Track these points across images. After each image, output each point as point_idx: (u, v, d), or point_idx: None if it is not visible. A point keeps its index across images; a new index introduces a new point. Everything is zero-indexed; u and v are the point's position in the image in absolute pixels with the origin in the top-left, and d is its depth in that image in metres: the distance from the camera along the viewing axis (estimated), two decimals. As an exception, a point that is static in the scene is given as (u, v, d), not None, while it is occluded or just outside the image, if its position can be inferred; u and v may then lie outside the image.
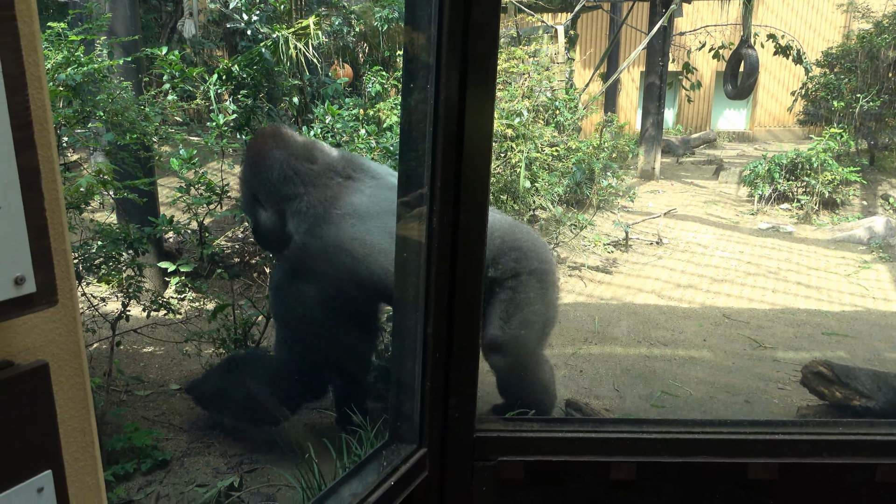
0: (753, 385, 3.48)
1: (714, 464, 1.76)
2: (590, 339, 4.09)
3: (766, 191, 7.89)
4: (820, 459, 1.75)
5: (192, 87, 4.61)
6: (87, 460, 0.72)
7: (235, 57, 4.67)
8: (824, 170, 7.61)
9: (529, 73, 6.95)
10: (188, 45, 6.91)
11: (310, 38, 4.57)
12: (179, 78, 3.96)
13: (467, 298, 1.61)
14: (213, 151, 4.07)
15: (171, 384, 3.21)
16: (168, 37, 7.08)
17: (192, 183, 3.65)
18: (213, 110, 4.19)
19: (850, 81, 8.99)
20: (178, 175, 3.68)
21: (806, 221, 7.47)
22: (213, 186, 3.86)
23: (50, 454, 0.66)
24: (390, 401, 1.86)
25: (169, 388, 3.17)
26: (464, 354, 1.64)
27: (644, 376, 3.57)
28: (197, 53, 6.90)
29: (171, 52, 3.97)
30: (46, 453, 0.66)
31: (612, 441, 1.77)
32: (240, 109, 4.33)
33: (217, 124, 3.84)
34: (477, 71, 1.47)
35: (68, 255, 0.68)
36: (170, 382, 3.23)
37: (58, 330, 0.67)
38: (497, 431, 1.75)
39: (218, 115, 3.85)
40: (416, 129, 1.66)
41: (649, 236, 6.59)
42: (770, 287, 5.36)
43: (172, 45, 6.70)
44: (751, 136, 14.32)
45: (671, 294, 5.09)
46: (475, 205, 1.56)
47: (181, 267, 3.68)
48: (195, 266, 3.98)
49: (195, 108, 6.82)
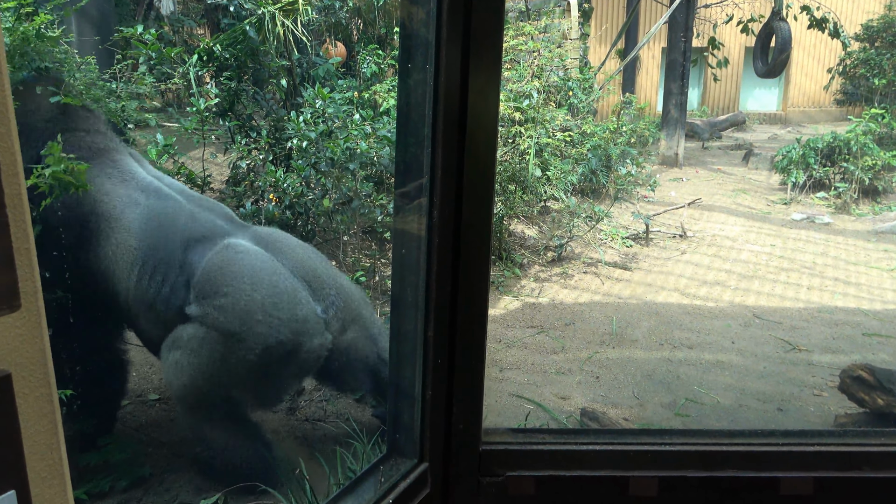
0: (787, 391, 3.47)
1: (743, 478, 1.76)
2: (607, 341, 4.09)
3: (801, 178, 7.86)
4: (859, 473, 1.74)
5: (171, 68, 4.61)
6: (55, 479, 0.72)
7: (217, 35, 4.67)
8: (864, 154, 7.57)
9: (539, 51, 6.94)
10: (166, 22, 6.91)
11: (298, 14, 4.57)
12: (157, 59, 3.97)
13: (471, 298, 1.60)
14: (193, 138, 4.07)
15: (150, 394, 3.22)
16: (144, 14, 7.09)
17: (171, 173, 3.65)
18: (194, 94, 4.19)
19: (892, 57, 8.95)
20: (156, 164, 3.68)
21: (844, 211, 7.44)
22: (193, 177, 3.87)
23: (13, 473, 0.66)
24: (388, 411, 1.86)
25: (148, 397, 3.18)
26: (468, 360, 1.63)
27: (667, 382, 3.57)
28: (176, 32, 6.91)
29: (148, 30, 3.97)
30: (9, 472, 0.66)
31: (631, 454, 1.77)
32: (222, 93, 4.33)
33: (197, 109, 3.85)
34: (481, 47, 1.47)
35: (32, 255, 0.67)
36: (148, 392, 3.24)
37: (21, 337, 0.67)
38: (505, 444, 1.75)
39: (198, 99, 3.85)
40: (414, 112, 1.65)
41: (672, 229, 6.58)
42: (805, 284, 5.35)
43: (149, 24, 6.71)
44: (783, 118, 14.28)
45: (696, 292, 5.09)
46: (479, 196, 1.56)
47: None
48: (175, 264, 3.99)
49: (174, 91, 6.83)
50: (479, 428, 1.69)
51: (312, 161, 4.05)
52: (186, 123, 3.98)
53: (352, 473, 2.39)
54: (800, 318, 4.61)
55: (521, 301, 4.72)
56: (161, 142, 3.68)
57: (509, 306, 4.62)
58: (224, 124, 4.44)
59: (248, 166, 4.40)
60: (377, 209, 3.96)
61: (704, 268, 5.65)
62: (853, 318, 4.64)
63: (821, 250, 6.23)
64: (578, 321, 4.39)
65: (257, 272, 2.30)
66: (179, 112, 4.52)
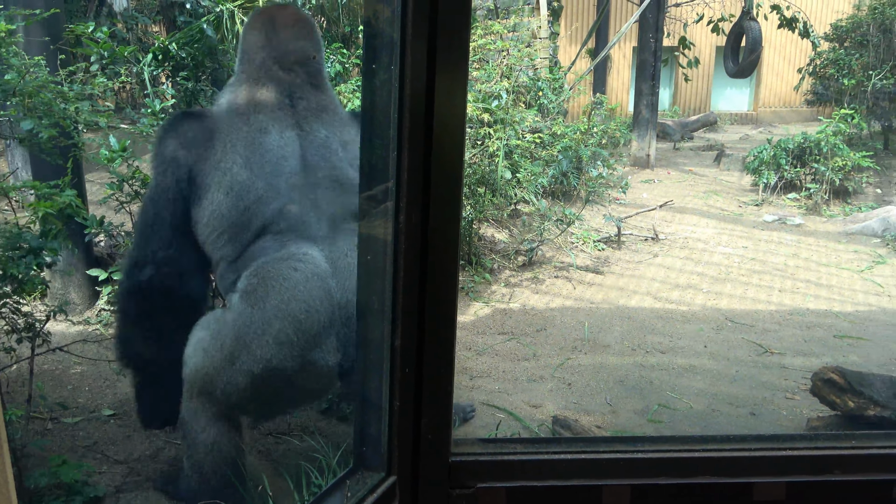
0: (759, 395, 3.54)
1: (716, 484, 1.78)
2: (579, 347, 4.12)
3: (772, 179, 8.03)
4: (831, 477, 1.78)
5: (124, 68, 4.55)
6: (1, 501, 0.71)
7: (173, 34, 4.61)
8: (834, 155, 7.76)
9: (508, 51, 6.99)
10: (119, 19, 6.82)
11: (258, 11, 4.53)
12: (109, 58, 3.91)
13: (440, 305, 1.61)
14: (149, 141, 4.02)
15: (104, 409, 3.16)
16: (96, 10, 6.98)
17: (125, 178, 3.60)
18: (149, 94, 4.13)
19: (861, 57, 9.18)
20: (109, 169, 3.62)
21: (815, 212, 7.61)
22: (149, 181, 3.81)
23: (-45, 496, 0.65)
24: (354, 423, 1.85)
25: (102, 413, 3.13)
26: (437, 369, 1.64)
27: (639, 388, 3.61)
28: (130, 29, 6.82)
29: (99, 28, 3.91)
30: (-49, 495, 0.64)
31: (603, 462, 1.79)
32: (179, 93, 4.28)
33: (153, 110, 3.80)
34: (447, 46, 1.47)
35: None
36: (103, 407, 3.18)
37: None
38: (475, 455, 1.75)
39: (154, 100, 3.80)
40: (379, 113, 1.65)
41: (644, 232, 6.67)
42: (777, 286, 5.46)
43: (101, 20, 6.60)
44: (754, 118, 14.57)
45: (669, 296, 5.16)
46: (447, 199, 1.56)
47: (114, 274, 3.63)
48: (130, 273, 3.93)
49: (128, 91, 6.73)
50: (448, 439, 1.70)
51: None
52: (142, 125, 3.92)
53: (317, 489, 2.38)
54: (772, 320, 4.70)
55: (492, 307, 4.74)
56: (115, 145, 3.62)
57: (479, 312, 4.63)
58: (181, 126, 4.39)
59: (207, 170, 4.35)
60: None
61: (677, 271, 5.73)
62: (825, 320, 4.74)
63: (792, 252, 6.36)
64: (550, 327, 4.42)
65: (297, 292, 2.25)
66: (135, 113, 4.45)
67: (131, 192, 3.71)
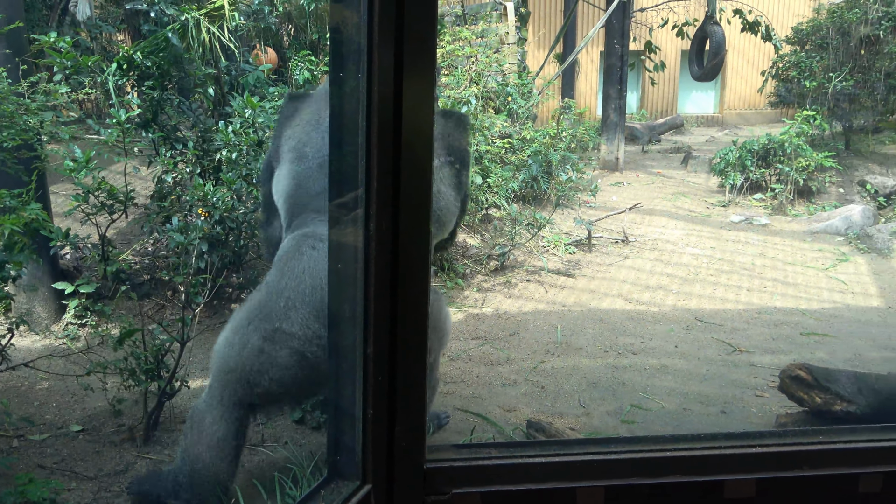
0: (729, 393, 3.59)
1: (688, 483, 1.80)
2: (552, 350, 4.15)
3: (738, 180, 8.15)
4: (799, 472, 1.81)
5: (89, 78, 4.49)
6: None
7: (138, 43, 4.56)
8: (798, 155, 7.91)
9: (477, 56, 7.02)
10: (83, 28, 6.72)
11: (225, 20, 4.51)
12: (72, 68, 3.85)
13: (412, 312, 1.61)
14: (114, 152, 3.97)
15: (72, 425, 3.11)
16: (59, 20, 6.87)
17: (90, 189, 3.55)
18: (114, 104, 4.08)
19: (822, 59, 9.37)
20: (74, 181, 3.57)
21: (780, 212, 7.75)
22: (115, 193, 3.77)
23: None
24: (328, 432, 1.85)
25: (70, 429, 3.07)
26: (410, 377, 1.63)
27: (612, 389, 3.64)
28: (94, 38, 6.72)
29: (61, 37, 3.85)
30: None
31: (577, 464, 1.80)
32: (145, 103, 4.23)
33: (118, 120, 3.75)
34: (414, 52, 1.47)
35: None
36: (71, 423, 3.13)
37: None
38: (450, 460, 1.75)
39: (119, 110, 3.75)
40: (347, 120, 1.65)
41: (614, 234, 6.73)
42: (745, 285, 5.54)
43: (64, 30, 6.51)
44: (720, 120, 14.78)
45: (639, 297, 5.21)
46: (417, 206, 1.56)
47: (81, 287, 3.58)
48: (97, 286, 3.87)
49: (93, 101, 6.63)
50: (422, 445, 1.69)
51: (244, 173, 3.99)
52: (106, 136, 3.87)
53: (291, 500, 2.36)
54: (740, 319, 4.77)
55: (465, 312, 4.75)
56: (80, 156, 3.57)
57: (452, 318, 4.64)
58: (147, 136, 4.34)
59: (175, 180, 4.30)
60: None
61: (647, 272, 5.79)
62: (791, 318, 4.83)
63: (759, 251, 6.47)
64: (523, 331, 4.44)
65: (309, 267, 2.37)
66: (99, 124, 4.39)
67: (97, 204, 3.66)
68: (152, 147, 4.43)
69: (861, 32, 8.94)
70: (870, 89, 9.00)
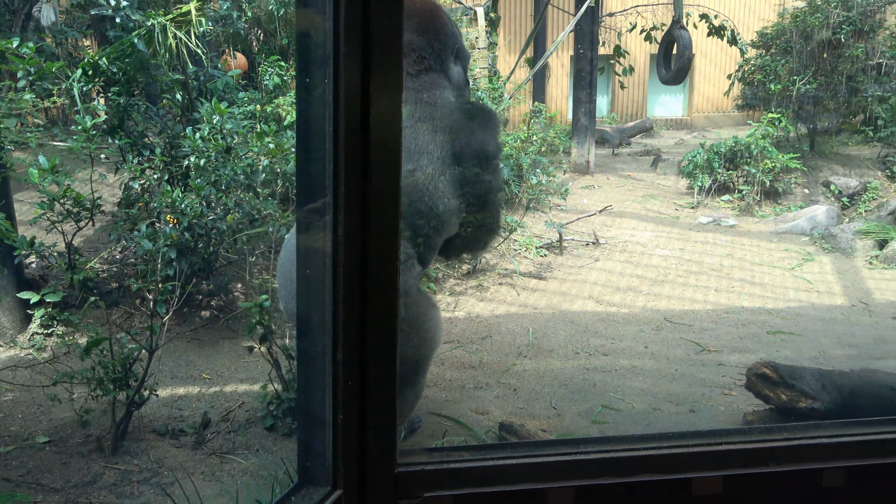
0: (698, 392, 3.64)
1: (657, 482, 1.83)
2: (524, 353, 4.17)
3: (706, 182, 8.27)
4: (765, 469, 1.84)
5: (53, 84, 4.43)
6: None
7: (104, 48, 4.51)
8: (764, 157, 8.05)
9: (447, 61, 7.03)
10: (47, 34, 6.62)
11: (192, 25, 4.47)
12: (36, 74, 3.80)
13: (382, 317, 1.61)
14: (80, 159, 3.92)
15: (38, 436, 3.05)
16: (22, 25, 6.76)
17: (56, 197, 3.51)
18: (79, 111, 4.03)
19: (786, 63, 9.55)
20: (39, 188, 3.52)
21: (748, 213, 7.87)
22: (82, 200, 3.72)
23: None
24: (299, 438, 1.84)
25: (36, 440, 3.02)
26: (380, 381, 1.64)
27: (583, 390, 3.67)
28: (59, 44, 6.63)
29: (25, 43, 3.80)
30: None
31: (548, 465, 1.81)
32: (111, 109, 4.18)
33: (84, 127, 3.70)
34: (381, 58, 1.48)
35: None
36: (37, 434, 3.07)
37: None
38: (421, 464, 1.75)
39: (84, 116, 3.71)
40: (315, 126, 1.65)
41: (585, 237, 6.78)
42: (713, 286, 5.62)
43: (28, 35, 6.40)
44: (689, 123, 14.98)
45: (610, 299, 5.26)
46: (385, 211, 1.57)
47: (47, 297, 3.53)
48: (64, 295, 3.82)
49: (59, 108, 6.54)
50: (394, 450, 1.70)
51: (213, 179, 3.96)
52: (72, 143, 3.82)
53: (263, 506, 2.34)
54: (708, 319, 4.84)
55: (438, 316, 4.75)
56: (45, 163, 3.52)
57: (425, 322, 4.64)
58: (114, 142, 4.29)
59: (142, 186, 4.26)
60: (283, 227, 3.91)
61: (617, 274, 5.85)
62: (758, 317, 4.91)
63: (727, 252, 6.57)
64: (495, 334, 4.46)
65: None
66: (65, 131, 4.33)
67: (63, 212, 3.61)
68: (119, 154, 4.38)
69: (823, 36, 9.13)
70: (833, 92, 9.19)
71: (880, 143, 8.92)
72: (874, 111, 8.88)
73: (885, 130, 8.69)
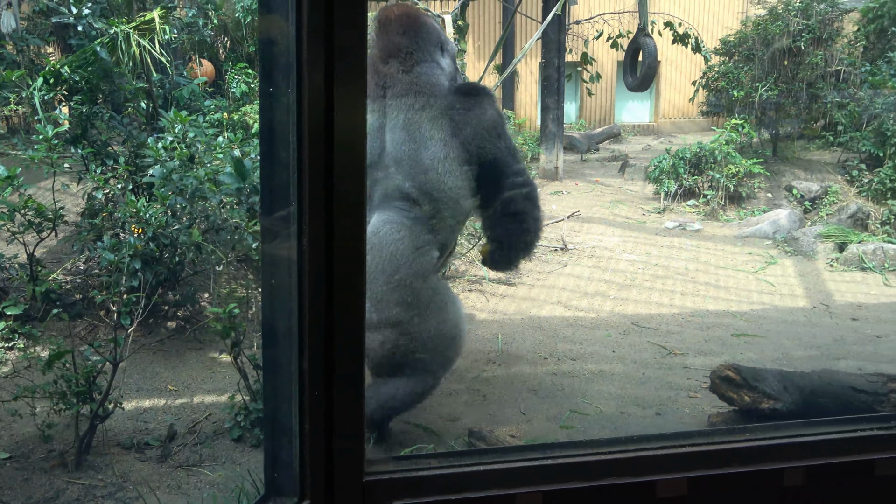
0: (664, 395, 3.68)
1: (623, 485, 1.85)
2: (493, 359, 4.18)
3: (672, 187, 8.38)
4: (729, 469, 1.87)
5: (13, 92, 4.35)
6: None
7: (66, 56, 4.45)
8: (728, 162, 8.19)
9: (415, 68, 7.04)
10: (7, 41, 6.50)
11: (156, 33, 4.43)
12: (-5, 82, 3.73)
13: (348, 325, 1.61)
14: (42, 168, 3.86)
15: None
16: (-19, 32, 6.63)
17: (16, 207, 3.44)
18: (40, 120, 3.96)
19: (749, 70, 9.73)
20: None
21: (713, 218, 8.00)
22: (44, 210, 3.66)
23: None
24: (265, 448, 1.83)
25: (-3, 456, 2.96)
26: (347, 389, 1.63)
27: (552, 395, 3.69)
28: (20, 51, 6.51)
29: (-17, 51, 3.73)
30: None
31: (516, 471, 1.82)
32: (73, 118, 4.12)
33: (45, 136, 3.65)
34: (345, 66, 1.48)
35: None
36: (-3, 450, 3.01)
37: None
38: (389, 473, 1.75)
39: (46, 125, 3.65)
40: (279, 134, 1.65)
41: (553, 242, 6.83)
42: (679, 290, 5.70)
43: (-13, 42, 6.28)
44: (656, 129, 15.17)
45: (578, 304, 5.31)
46: (350, 219, 1.57)
47: (7, 309, 3.46)
48: (25, 307, 3.74)
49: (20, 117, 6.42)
50: (361, 459, 1.69)
51: (178, 189, 3.92)
52: (33, 152, 3.76)
53: (231, 518, 2.32)
54: (675, 323, 4.90)
55: (407, 323, 4.74)
56: (4, 173, 3.46)
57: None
58: (76, 152, 4.22)
59: (106, 196, 4.20)
60: (250, 236, 3.88)
61: (585, 279, 5.90)
62: (723, 320, 4.98)
63: (692, 256, 6.66)
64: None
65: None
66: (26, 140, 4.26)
67: (24, 222, 3.55)
68: (82, 163, 4.32)
69: (783, 44, 9.32)
70: (794, 98, 9.38)
71: (840, 148, 9.13)
72: (834, 117, 9.09)
73: (844, 136, 8.89)
